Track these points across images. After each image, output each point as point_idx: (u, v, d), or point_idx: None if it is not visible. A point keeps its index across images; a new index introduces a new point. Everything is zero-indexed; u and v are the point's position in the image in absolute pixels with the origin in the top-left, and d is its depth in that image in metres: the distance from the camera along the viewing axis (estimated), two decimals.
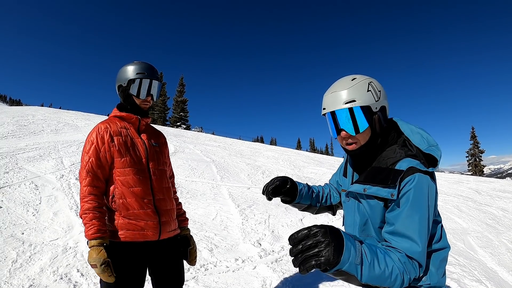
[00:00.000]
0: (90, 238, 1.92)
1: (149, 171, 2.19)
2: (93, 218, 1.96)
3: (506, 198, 11.18)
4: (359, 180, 1.57)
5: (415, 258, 1.33)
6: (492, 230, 7.02)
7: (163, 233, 2.17)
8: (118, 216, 2.07)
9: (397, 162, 1.46)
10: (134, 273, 2.06)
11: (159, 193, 2.20)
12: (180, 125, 48.20)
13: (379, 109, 1.52)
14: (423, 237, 1.36)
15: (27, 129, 12.84)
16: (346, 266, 1.12)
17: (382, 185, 1.42)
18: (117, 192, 2.08)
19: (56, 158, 8.47)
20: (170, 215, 2.25)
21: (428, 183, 1.40)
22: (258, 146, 22.14)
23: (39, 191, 6.04)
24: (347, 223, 1.73)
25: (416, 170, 1.38)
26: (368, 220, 1.55)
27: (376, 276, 1.21)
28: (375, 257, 1.22)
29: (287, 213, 6.60)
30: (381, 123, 1.54)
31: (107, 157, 2.09)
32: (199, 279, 3.70)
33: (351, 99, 1.48)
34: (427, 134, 1.55)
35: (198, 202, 6.73)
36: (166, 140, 2.54)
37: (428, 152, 1.49)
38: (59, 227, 4.68)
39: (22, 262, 3.66)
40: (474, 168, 46.82)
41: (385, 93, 1.57)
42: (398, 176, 1.39)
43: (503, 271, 4.80)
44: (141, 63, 2.27)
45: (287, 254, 4.64)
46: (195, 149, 13.86)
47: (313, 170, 12.83)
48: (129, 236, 2.05)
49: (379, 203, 1.47)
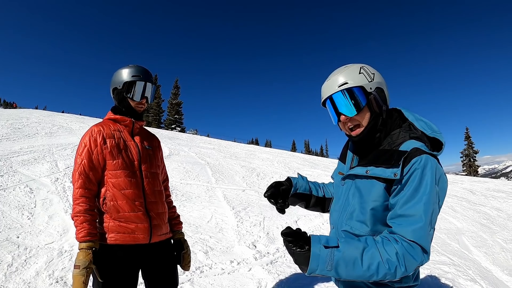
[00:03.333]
0: (80, 241, 1.95)
1: (141, 174, 2.20)
2: (84, 221, 1.98)
3: (500, 198, 11.27)
4: (362, 163, 1.57)
5: (416, 241, 1.27)
6: (487, 229, 7.07)
7: (154, 236, 2.17)
8: (109, 219, 2.08)
9: (401, 144, 1.46)
10: (125, 276, 2.06)
11: (151, 196, 2.21)
12: (174, 128, 48.07)
13: (374, 89, 1.53)
14: (427, 217, 1.30)
15: (22, 132, 12.77)
16: (318, 272, 1.28)
17: (386, 166, 1.41)
18: (108, 194, 2.09)
19: (50, 161, 8.44)
20: (161, 219, 2.25)
21: (436, 165, 1.37)
22: (253, 148, 22.15)
23: (34, 194, 6.02)
24: (335, 208, 1.70)
25: (422, 152, 1.37)
26: (360, 205, 1.51)
27: (357, 275, 1.27)
28: (356, 258, 1.27)
29: (282, 215, 6.60)
30: (379, 103, 1.54)
31: (100, 159, 2.11)
32: (195, 281, 3.70)
33: (344, 82, 1.53)
34: (430, 122, 1.55)
35: (193, 204, 6.73)
36: (160, 143, 2.55)
37: (433, 136, 1.49)
38: (54, 231, 4.67)
39: (17, 266, 3.65)
40: (468, 168, 47.01)
41: (380, 76, 1.57)
42: (401, 156, 1.38)
43: (497, 270, 4.85)
44: (136, 66, 2.28)
45: (282, 256, 4.67)
46: (190, 151, 13.85)
47: (308, 172, 12.86)
48: (119, 239, 2.05)
49: (380, 184, 1.44)
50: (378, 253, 1.27)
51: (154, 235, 2.16)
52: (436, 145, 1.50)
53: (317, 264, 1.26)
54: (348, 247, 1.29)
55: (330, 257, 1.26)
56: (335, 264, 1.26)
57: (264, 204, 7.28)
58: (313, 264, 1.26)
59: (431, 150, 1.44)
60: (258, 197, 7.93)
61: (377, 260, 1.26)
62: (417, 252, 1.28)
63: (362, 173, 1.50)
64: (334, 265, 1.26)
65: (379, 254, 1.27)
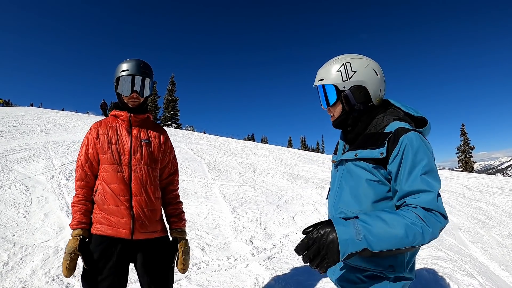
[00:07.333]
0: (71, 229, 2.12)
1: (130, 169, 2.19)
2: (77, 211, 2.15)
3: (496, 193, 11.31)
4: (351, 148, 1.66)
5: (432, 208, 1.31)
6: (483, 225, 7.10)
7: (137, 233, 2.14)
8: (97, 210, 2.17)
9: (386, 126, 1.55)
10: (107, 267, 2.09)
11: (139, 191, 2.18)
12: (171, 124, 48.02)
13: (348, 88, 1.62)
14: (432, 184, 1.35)
15: (17, 130, 12.72)
16: (350, 249, 1.21)
17: (373, 147, 1.50)
18: (99, 187, 2.19)
19: (46, 159, 8.40)
20: (148, 216, 2.20)
21: (423, 139, 1.44)
22: (249, 144, 22.16)
23: (29, 192, 5.99)
24: (331, 195, 1.76)
25: (408, 130, 1.44)
26: (353, 186, 1.57)
27: (387, 238, 1.24)
28: (379, 220, 1.26)
29: (278, 211, 6.63)
30: (349, 101, 1.63)
31: (94, 154, 2.22)
32: (192, 278, 3.70)
33: (321, 78, 1.69)
34: (416, 109, 1.64)
35: (189, 201, 6.72)
36: (166, 137, 2.47)
37: (419, 116, 1.59)
38: (50, 229, 4.64)
39: (13, 265, 3.63)
40: (464, 164, 47.19)
41: (368, 73, 1.63)
42: (386, 137, 1.47)
43: (494, 265, 4.87)
44: (129, 60, 2.27)
45: (279, 251, 4.67)
46: (186, 148, 13.84)
47: (304, 168, 12.86)
48: (103, 230, 2.12)
49: (369, 166, 1.51)
50: (401, 217, 1.28)
51: (136, 232, 2.14)
52: (422, 125, 1.59)
53: (347, 236, 1.21)
54: (368, 216, 1.30)
55: (355, 226, 1.24)
56: (364, 232, 1.22)
57: (261, 200, 7.29)
58: (343, 236, 1.20)
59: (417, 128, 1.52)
60: (254, 193, 7.93)
61: (403, 222, 1.26)
62: (438, 216, 1.31)
63: (351, 156, 1.59)
64: (363, 233, 1.22)
65: (403, 217, 1.28)
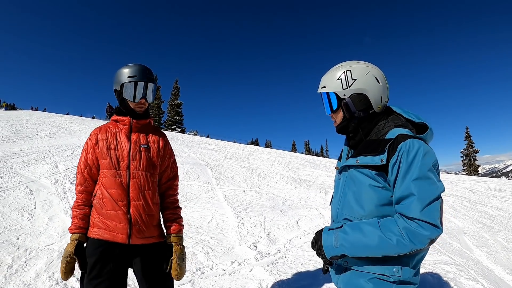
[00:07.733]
0: (70, 233, 2.17)
1: (129, 174, 2.19)
2: (75, 215, 2.20)
3: (501, 197, 11.24)
4: (353, 154, 1.70)
5: (416, 218, 1.35)
6: (488, 229, 7.05)
7: (134, 238, 2.15)
8: (95, 213, 2.19)
9: (387, 133, 1.58)
10: (103, 271, 2.09)
11: (137, 196, 2.18)
12: (175, 129, 48.06)
13: (349, 96, 1.66)
14: (423, 190, 1.37)
15: (22, 134, 12.76)
16: (331, 253, 1.54)
17: (374, 154, 1.53)
18: (98, 191, 2.20)
19: (50, 163, 8.42)
20: (146, 221, 2.19)
21: (423, 145, 1.45)
22: (253, 148, 22.14)
23: (34, 195, 6.01)
24: (334, 201, 1.80)
25: (408, 136, 1.47)
26: (355, 192, 1.61)
27: (361, 247, 1.46)
28: (357, 231, 1.48)
29: (282, 216, 6.61)
30: (350, 109, 1.66)
31: (93, 159, 2.25)
32: (195, 282, 3.69)
33: (323, 85, 1.75)
34: (418, 114, 1.68)
35: (193, 205, 6.72)
36: (166, 141, 2.45)
37: (420, 122, 1.63)
38: (55, 232, 4.66)
39: (17, 268, 3.64)
40: (469, 167, 46.97)
41: (367, 81, 1.65)
42: (387, 143, 1.50)
43: (499, 269, 4.84)
44: (134, 66, 2.25)
45: (283, 256, 4.66)
46: (190, 152, 13.84)
47: (308, 172, 12.84)
48: (100, 234, 2.14)
49: (371, 172, 1.54)
50: (379, 229, 1.43)
51: (133, 237, 2.15)
52: (423, 129, 1.62)
53: (328, 243, 1.55)
54: (351, 225, 1.53)
55: (335, 235, 1.54)
56: (341, 241, 1.50)
57: (265, 205, 7.28)
58: (325, 243, 1.57)
59: (418, 134, 1.56)
60: (258, 197, 7.92)
61: (377, 234, 1.42)
62: (423, 226, 1.34)
63: (353, 163, 1.62)
64: (340, 242, 1.51)
65: (380, 229, 1.43)
